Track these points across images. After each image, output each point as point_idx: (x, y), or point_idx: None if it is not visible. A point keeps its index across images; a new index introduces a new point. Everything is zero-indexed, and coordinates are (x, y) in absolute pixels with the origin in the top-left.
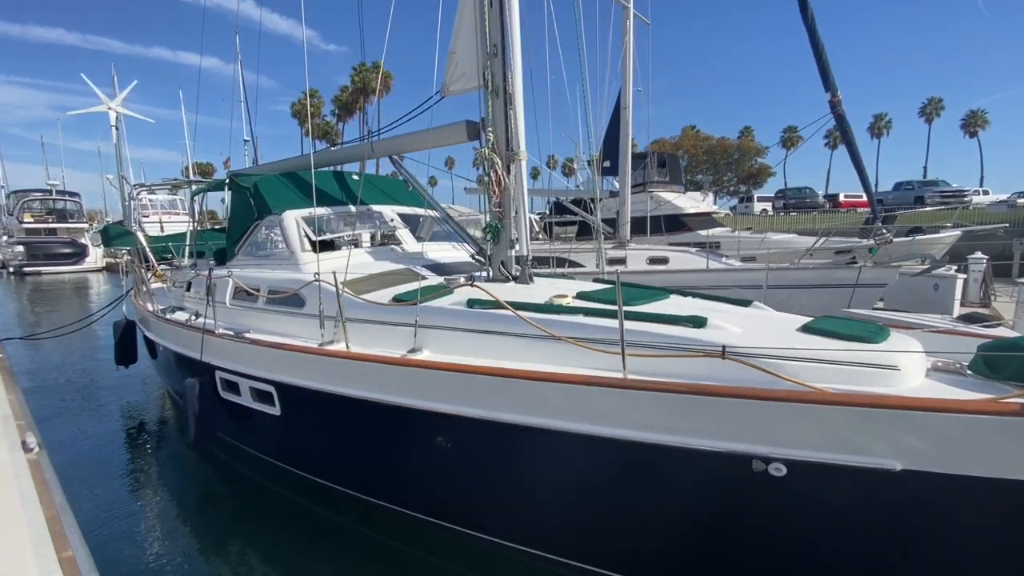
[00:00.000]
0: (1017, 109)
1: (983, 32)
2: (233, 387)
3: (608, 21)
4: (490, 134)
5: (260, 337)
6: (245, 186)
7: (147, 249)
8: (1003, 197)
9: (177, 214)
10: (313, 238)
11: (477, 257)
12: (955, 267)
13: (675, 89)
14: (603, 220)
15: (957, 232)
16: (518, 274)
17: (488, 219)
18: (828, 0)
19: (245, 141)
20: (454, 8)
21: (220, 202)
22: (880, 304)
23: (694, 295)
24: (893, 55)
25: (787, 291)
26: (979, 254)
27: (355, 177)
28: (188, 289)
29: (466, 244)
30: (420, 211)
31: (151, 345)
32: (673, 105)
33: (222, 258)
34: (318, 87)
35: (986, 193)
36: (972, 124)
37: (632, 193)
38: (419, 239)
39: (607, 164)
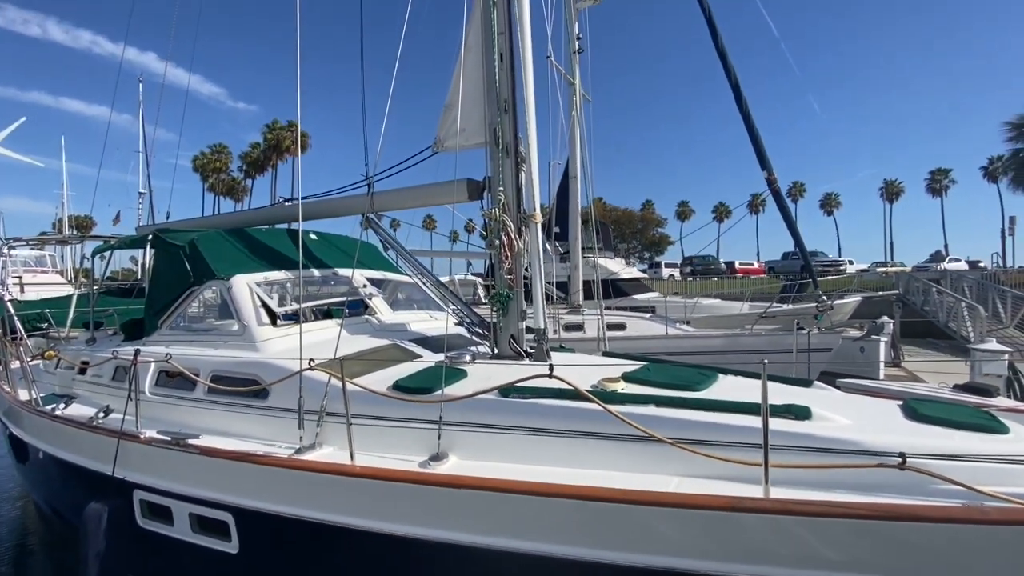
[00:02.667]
0: (862, 189)
1: (826, 127)
2: (162, 514)
3: (545, 86)
4: (500, 194)
5: (213, 442)
6: (177, 244)
7: (14, 316)
8: (864, 266)
9: (46, 272)
10: (275, 308)
11: (475, 329)
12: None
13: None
14: (550, 283)
15: (858, 298)
16: (532, 350)
17: (496, 287)
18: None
19: (141, 194)
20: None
21: (97, 259)
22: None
23: (735, 373)
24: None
25: (743, 357)
26: (885, 317)
27: (312, 236)
28: (82, 372)
29: (447, 312)
30: (392, 276)
31: (19, 446)
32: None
33: (135, 331)
34: (226, 143)
35: (851, 263)
36: (828, 204)
37: (568, 258)
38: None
39: (557, 230)
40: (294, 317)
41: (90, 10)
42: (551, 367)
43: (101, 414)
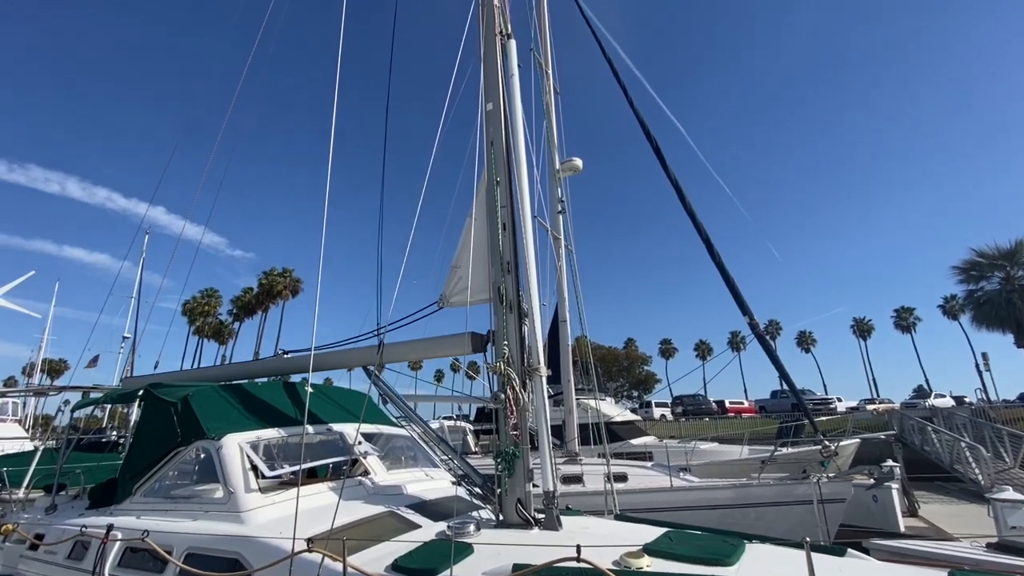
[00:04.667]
0: (834, 327)
1: (792, 270)
2: None
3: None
4: (505, 347)
5: None
6: (169, 401)
7: None
8: (853, 404)
9: (3, 421)
10: (265, 471)
11: (476, 491)
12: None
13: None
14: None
15: (856, 440)
16: (542, 517)
17: (501, 444)
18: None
19: (125, 338)
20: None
21: (60, 407)
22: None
23: (760, 539)
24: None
25: (755, 510)
26: (890, 461)
27: (308, 388)
28: (34, 548)
29: (444, 470)
30: (386, 429)
31: None
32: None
33: (104, 497)
34: (219, 288)
35: (840, 400)
36: (804, 342)
37: (560, 401)
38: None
39: (549, 372)
40: (285, 478)
41: (110, 168)
42: (578, 548)
43: None
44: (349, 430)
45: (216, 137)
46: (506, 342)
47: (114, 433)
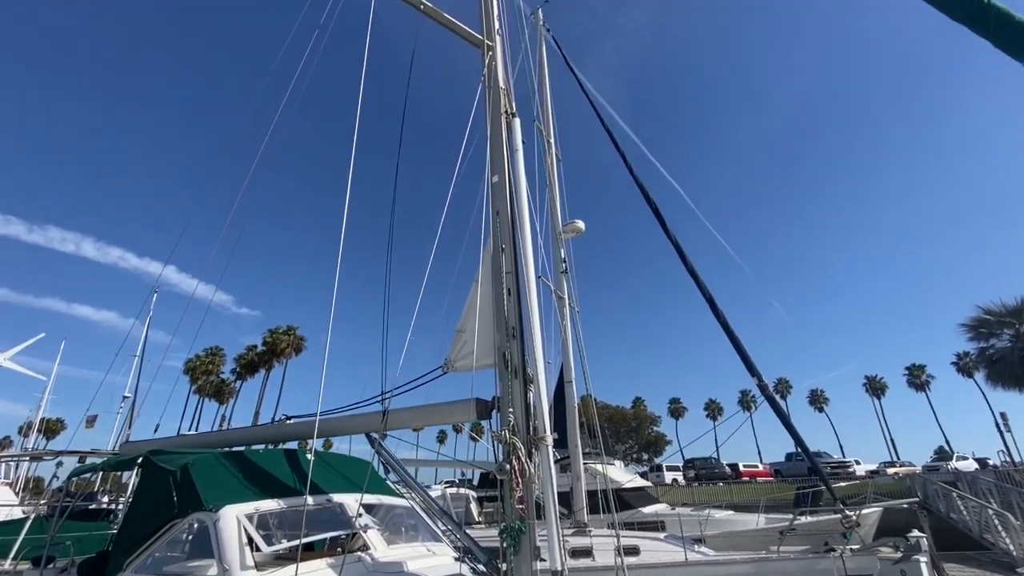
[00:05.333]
0: (846, 384)
1: (799, 327)
2: None
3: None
4: (510, 414)
5: None
6: (168, 469)
7: None
8: (873, 467)
9: None
10: (263, 547)
11: (480, 568)
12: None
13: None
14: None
15: (879, 508)
16: None
17: (506, 518)
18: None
19: (125, 397)
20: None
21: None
22: None
23: None
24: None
25: None
26: (916, 532)
27: (309, 456)
28: None
29: (447, 543)
30: (387, 500)
31: None
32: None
33: (95, 571)
34: (223, 345)
35: (858, 463)
36: (817, 401)
37: (567, 467)
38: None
39: (555, 435)
40: (282, 552)
41: (125, 229)
42: None
43: None
44: (350, 501)
45: (228, 197)
46: (511, 409)
47: (106, 499)
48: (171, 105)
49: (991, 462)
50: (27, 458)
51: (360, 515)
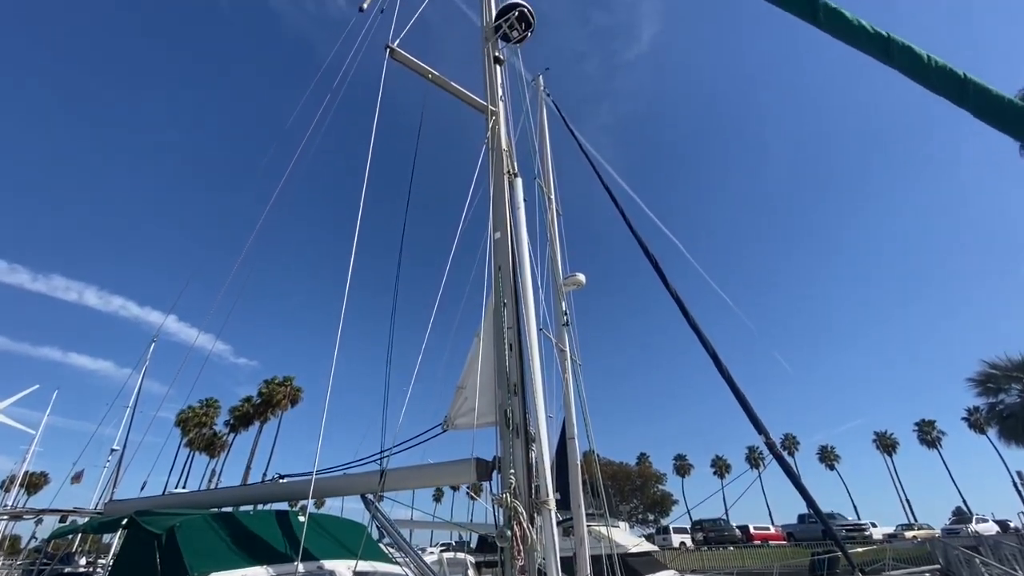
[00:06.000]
0: (855, 440)
1: (803, 381)
2: None
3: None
4: (511, 476)
5: None
6: (154, 532)
7: None
8: (890, 530)
9: None
10: None
11: None
12: None
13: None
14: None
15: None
16: None
17: None
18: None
19: (113, 450)
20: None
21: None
22: None
23: None
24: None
25: None
26: None
27: (301, 519)
28: None
29: None
30: (381, 567)
31: None
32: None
33: None
34: (218, 396)
35: (874, 526)
36: (827, 458)
37: (569, 529)
38: None
39: (557, 496)
40: None
41: (129, 279)
42: None
43: None
44: (343, 569)
45: (235, 245)
46: (512, 471)
47: (83, 560)
48: (183, 157)
49: (1012, 524)
50: (7, 517)
51: None
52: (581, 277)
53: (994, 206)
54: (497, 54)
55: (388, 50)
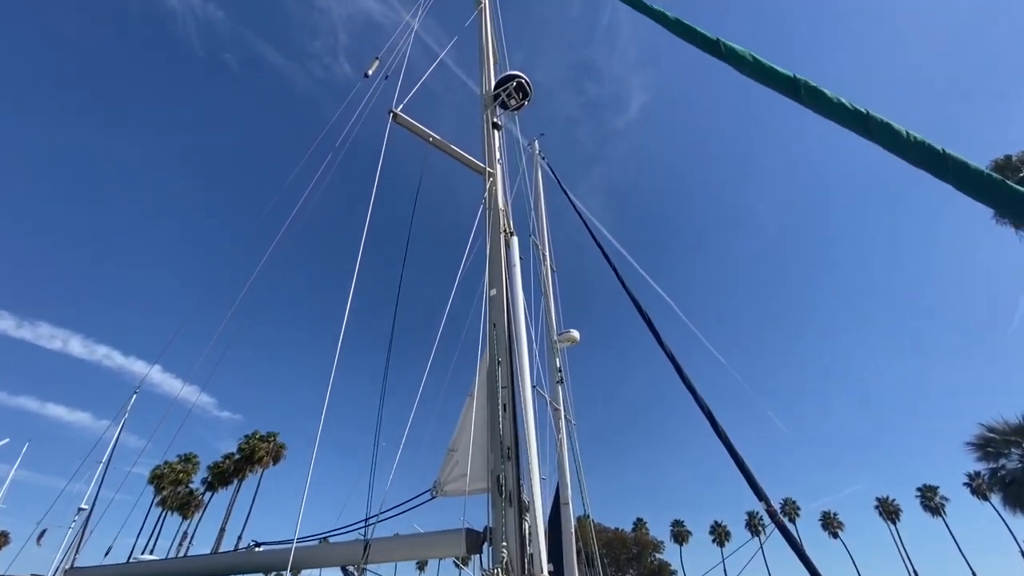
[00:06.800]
0: (856, 506)
1: (800, 443)
2: None
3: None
4: (503, 549)
5: None
6: None
7: None
8: None
9: None
10: None
11: None
12: None
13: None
14: None
15: None
16: None
17: None
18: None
19: (80, 509)
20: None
21: None
22: None
23: None
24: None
25: None
26: None
27: None
28: None
29: None
30: None
31: None
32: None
33: None
34: (198, 451)
35: None
36: (830, 525)
37: None
38: None
39: (550, 567)
40: None
41: (115, 328)
42: None
43: None
44: None
45: (225, 297)
46: (504, 543)
47: None
48: (181, 208)
49: None
50: None
51: None
52: (575, 334)
53: (982, 269)
54: (496, 120)
55: (391, 114)
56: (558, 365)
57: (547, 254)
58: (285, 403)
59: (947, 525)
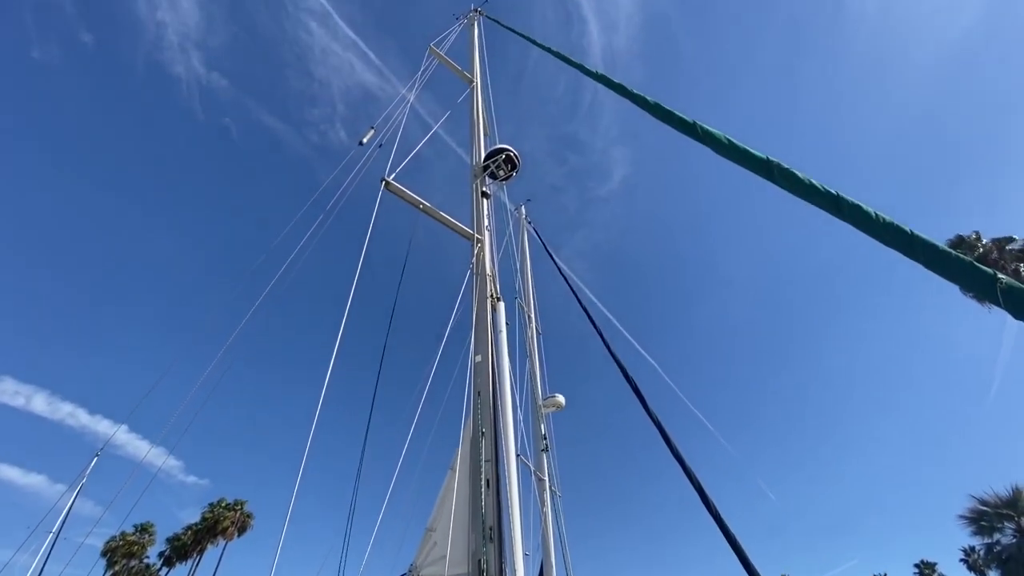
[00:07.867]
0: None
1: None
2: None
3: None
4: None
5: None
6: None
7: None
8: None
9: None
10: None
11: None
12: None
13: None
14: None
15: None
16: None
17: None
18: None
19: None
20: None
21: None
22: None
23: None
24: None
25: None
26: None
27: None
28: None
29: None
30: None
31: None
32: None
33: None
34: (159, 520)
35: None
36: None
37: None
38: None
39: None
40: None
41: (82, 385)
42: None
43: None
44: None
45: (200, 357)
46: None
47: None
48: (161, 264)
49: None
50: None
51: None
52: (561, 399)
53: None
54: (485, 189)
55: (383, 182)
56: (543, 432)
57: (532, 316)
58: (257, 468)
59: None
